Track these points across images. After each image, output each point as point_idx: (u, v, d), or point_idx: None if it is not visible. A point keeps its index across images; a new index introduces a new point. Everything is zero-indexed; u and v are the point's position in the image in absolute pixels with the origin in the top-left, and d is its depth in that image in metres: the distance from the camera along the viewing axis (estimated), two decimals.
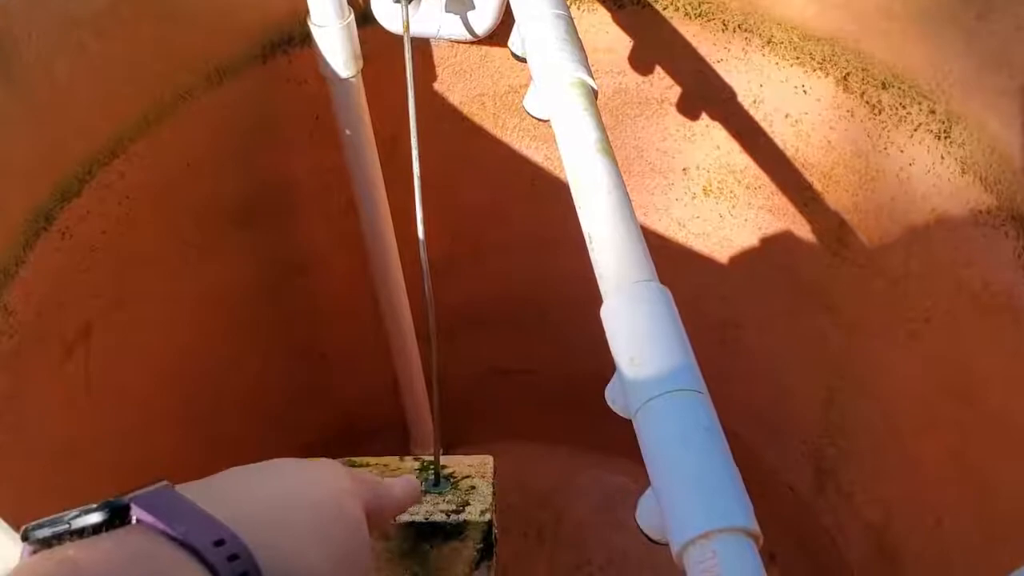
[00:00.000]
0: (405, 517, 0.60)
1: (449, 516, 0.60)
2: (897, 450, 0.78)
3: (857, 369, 0.80)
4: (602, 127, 0.49)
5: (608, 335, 0.42)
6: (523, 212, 0.88)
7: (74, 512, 0.26)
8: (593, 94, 0.52)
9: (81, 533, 0.26)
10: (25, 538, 0.26)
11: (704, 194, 0.81)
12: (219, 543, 0.28)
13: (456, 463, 0.66)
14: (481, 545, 0.61)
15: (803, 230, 0.76)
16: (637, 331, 0.40)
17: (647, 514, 0.38)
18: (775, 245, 0.79)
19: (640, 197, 0.85)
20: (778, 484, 0.97)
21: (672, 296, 0.42)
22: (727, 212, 0.80)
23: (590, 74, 0.52)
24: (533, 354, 1.02)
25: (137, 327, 0.70)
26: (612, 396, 0.41)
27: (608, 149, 0.48)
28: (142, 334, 0.71)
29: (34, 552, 0.25)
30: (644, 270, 0.43)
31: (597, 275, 0.44)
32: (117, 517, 0.26)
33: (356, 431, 1.02)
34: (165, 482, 0.29)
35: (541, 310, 0.96)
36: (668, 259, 0.87)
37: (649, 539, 0.38)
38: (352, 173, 0.73)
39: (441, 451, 1.03)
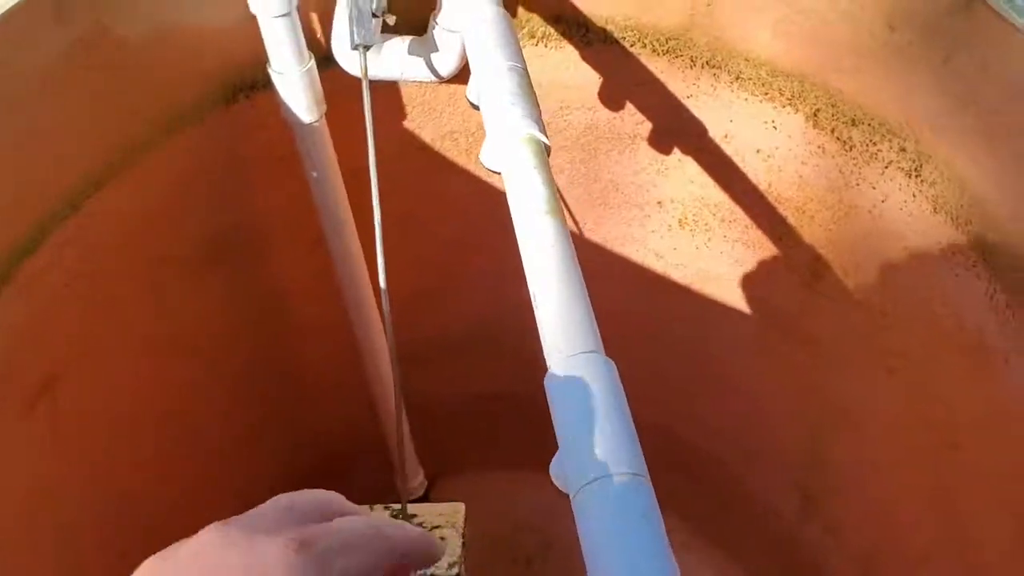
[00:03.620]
0: None
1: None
2: (879, 485, 0.77)
3: (838, 402, 0.78)
4: (553, 185, 0.48)
5: (551, 409, 0.41)
6: (493, 242, 0.86)
7: None
8: (546, 151, 0.51)
9: None
10: None
11: (680, 226, 0.80)
12: None
13: (427, 512, 0.66)
14: None
15: (778, 264, 0.75)
16: (578, 407, 0.39)
17: None
18: (751, 278, 0.78)
19: (617, 228, 0.84)
20: (766, 511, 0.96)
21: (616, 369, 0.41)
22: (703, 244, 0.79)
23: (543, 131, 0.51)
24: (513, 379, 1.01)
25: (105, 374, 0.69)
26: (555, 472, 0.41)
27: (558, 209, 0.47)
28: (110, 380, 0.70)
29: None
30: (589, 340, 0.42)
31: (542, 341, 0.43)
32: None
33: (338, 458, 1.02)
34: None
35: (517, 335, 0.95)
36: (646, 289, 0.87)
37: None
38: (320, 211, 0.73)
39: (418, 494, 1.01)
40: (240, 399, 0.87)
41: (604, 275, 0.85)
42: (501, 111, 0.52)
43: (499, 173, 0.53)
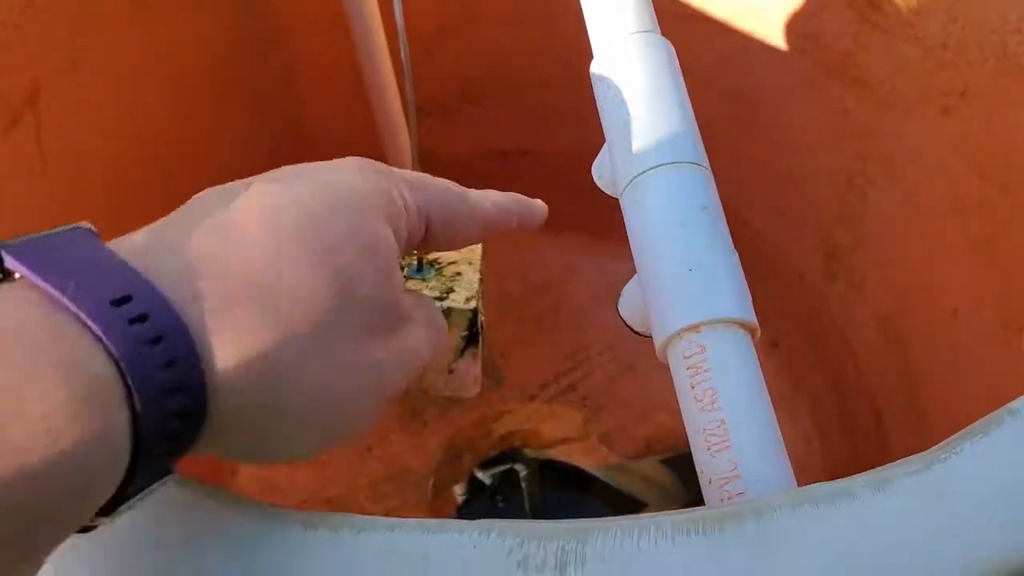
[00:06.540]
0: None
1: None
2: (917, 237, 0.73)
3: (881, 148, 0.73)
4: None
5: (597, 97, 0.36)
6: None
7: None
8: None
9: None
10: None
11: None
12: (122, 300, 0.21)
13: None
14: (466, 332, 0.58)
15: None
16: (630, 92, 0.34)
17: (630, 303, 0.33)
18: (801, 10, 0.71)
19: None
20: (787, 272, 0.93)
21: (674, 50, 0.36)
22: None
23: None
24: (534, 135, 0.96)
25: (93, 92, 0.64)
26: (599, 171, 0.36)
27: None
28: (100, 100, 0.65)
29: None
30: (643, 19, 0.36)
31: (588, 28, 0.38)
32: None
33: None
34: (80, 225, 0.21)
35: (541, 87, 0.89)
36: (684, 25, 0.79)
37: (632, 330, 0.34)
38: None
39: None
40: (239, 145, 0.82)
41: None
42: None
43: None
